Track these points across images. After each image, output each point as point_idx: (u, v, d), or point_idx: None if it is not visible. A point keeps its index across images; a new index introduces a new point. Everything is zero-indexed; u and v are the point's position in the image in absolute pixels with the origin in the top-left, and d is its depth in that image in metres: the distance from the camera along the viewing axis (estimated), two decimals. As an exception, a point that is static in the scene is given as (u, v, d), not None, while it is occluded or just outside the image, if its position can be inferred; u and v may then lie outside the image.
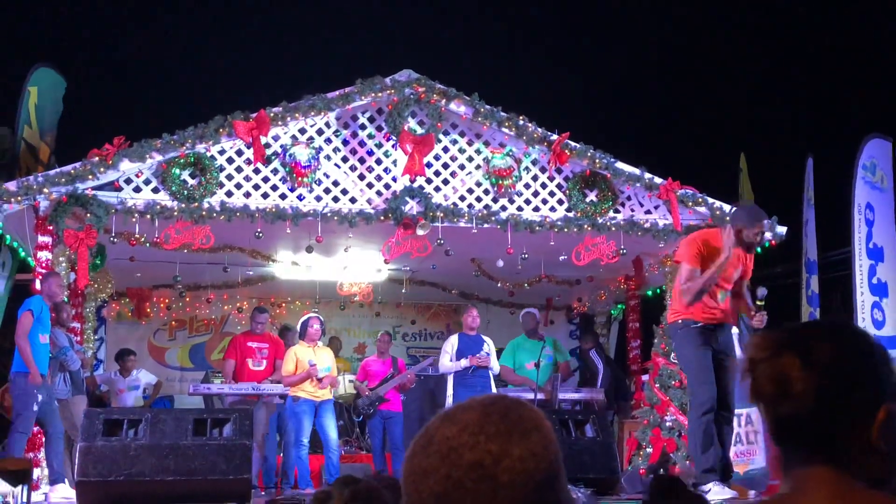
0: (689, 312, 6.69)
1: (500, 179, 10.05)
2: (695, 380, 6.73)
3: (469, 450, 1.25)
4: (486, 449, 1.25)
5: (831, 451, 1.43)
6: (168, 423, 6.64)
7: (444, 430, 1.29)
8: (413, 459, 1.31)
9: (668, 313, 7.08)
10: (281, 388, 10.10)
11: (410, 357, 14.31)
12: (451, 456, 1.26)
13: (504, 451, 1.24)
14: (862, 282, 10.76)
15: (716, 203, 10.37)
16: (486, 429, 1.27)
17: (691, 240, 6.82)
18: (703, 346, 6.68)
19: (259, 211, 9.50)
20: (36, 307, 8.31)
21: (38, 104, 10.89)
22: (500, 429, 1.27)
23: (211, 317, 14.52)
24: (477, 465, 1.24)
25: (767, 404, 1.47)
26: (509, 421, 1.28)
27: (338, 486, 2.55)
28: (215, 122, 9.42)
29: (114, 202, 9.22)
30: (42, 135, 11.01)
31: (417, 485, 1.28)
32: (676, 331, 6.82)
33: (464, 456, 1.25)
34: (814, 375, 1.44)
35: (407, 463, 1.32)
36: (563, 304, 14.78)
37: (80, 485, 6.45)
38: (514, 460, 1.24)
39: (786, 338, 1.49)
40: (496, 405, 1.31)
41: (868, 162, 11.09)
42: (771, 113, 19.74)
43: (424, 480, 1.27)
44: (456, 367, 10.11)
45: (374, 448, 10.72)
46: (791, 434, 1.46)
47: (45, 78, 11.19)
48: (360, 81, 9.78)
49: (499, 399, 1.32)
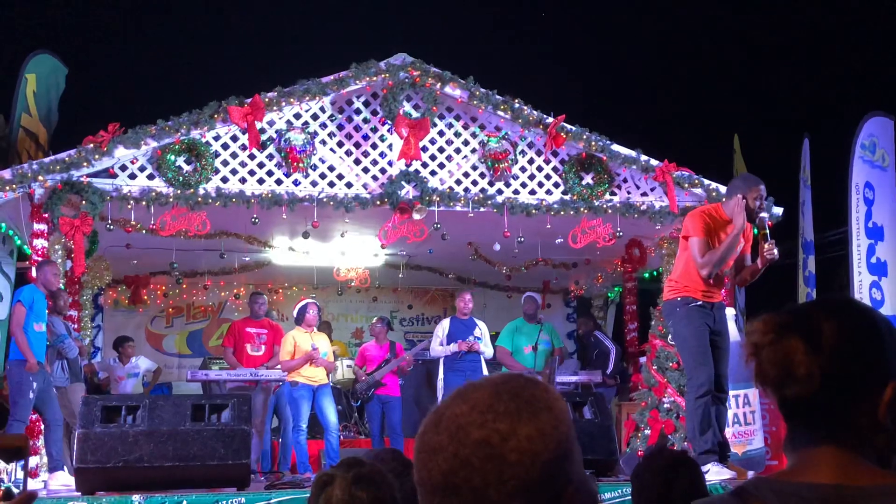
0: (688, 290, 6.67)
1: (496, 163, 10.03)
2: (692, 361, 6.71)
3: (477, 428, 1.25)
4: (495, 428, 1.24)
5: (838, 430, 1.43)
6: (166, 409, 6.64)
7: (454, 407, 1.30)
8: (423, 437, 1.31)
9: (666, 290, 6.98)
10: (279, 373, 10.12)
11: (408, 342, 14.32)
12: (459, 434, 1.26)
13: (512, 430, 1.24)
14: (860, 261, 10.75)
15: (712, 184, 10.36)
16: (495, 407, 1.26)
17: (696, 213, 6.80)
18: (701, 326, 6.67)
19: (255, 197, 9.48)
20: (26, 297, 8.30)
21: (36, 91, 10.85)
22: (509, 407, 1.26)
23: (208, 303, 14.53)
24: (484, 443, 1.24)
25: (773, 388, 1.46)
26: (520, 400, 1.27)
27: (341, 469, 2.54)
28: (210, 107, 9.40)
29: (109, 189, 9.19)
30: (42, 121, 10.98)
31: (426, 462, 1.28)
32: (675, 308, 6.77)
33: (471, 434, 1.25)
34: (819, 358, 1.43)
35: (418, 440, 1.32)
36: (560, 288, 14.79)
37: (79, 471, 6.45)
38: (521, 440, 1.23)
39: (788, 320, 1.48)
40: (508, 384, 1.30)
41: (867, 141, 11.04)
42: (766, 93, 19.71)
43: (433, 458, 1.27)
44: (445, 352, 10.13)
45: (372, 433, 10.74)
46: (798, 415, 1.46)
47: (43, 64, 11.14)
48: (354, 65, 9.75)
49: (512, 378, 1.31)
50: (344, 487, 2.51)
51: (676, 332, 6.93)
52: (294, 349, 9.78)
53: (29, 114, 10.68)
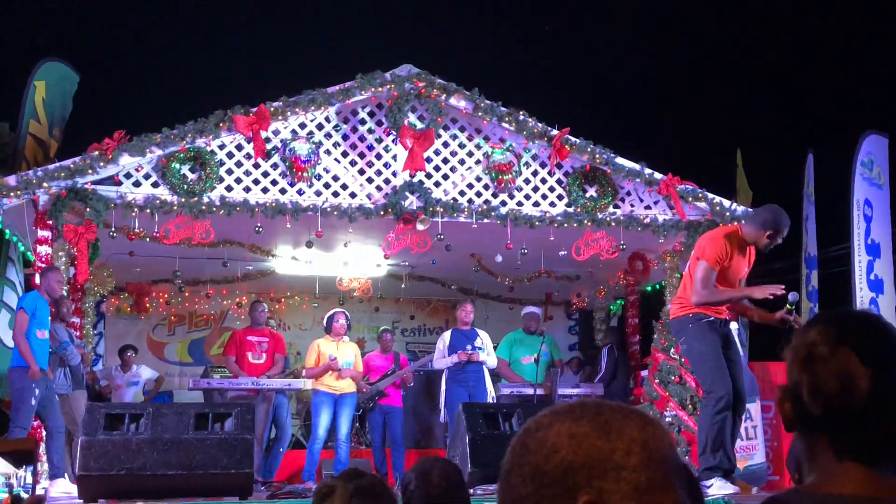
0: (700, 307, 6.66)
1: (500, 174, 10.04)
2: (711, 375, 6.61)
3: (530, 422, 1.30)
4: (538, 421, 1.28)
5: (867, 442, 1.44)
6: (169, 418, 6.63)
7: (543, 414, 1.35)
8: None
9: (675, 306, 6.87)
10: (280, 382, 10.12)
11: (409, 352, 14.31)
12: (520, 429, 1.32)
13: (549, 424, 1.26)
14: (861, 277, 10.78)
15: (715, 198, 10.37)
16: (562, 410, 1.29)
17: (718, 238, 6.65)
18: (715, 341, 6.60)
19: (259, 206, 9.49)
20: (29, 304, 8.31)
21: (46, 98, 10.86)
22: (575, 412, 1.27)
23: (210, 312, 14.52)
24: (524, 432, 1.28)
25: (826, 400, 1.46)
26: (587, 409, 1.28)
27: (342, 480, 2.54)
28: (215, 116, 9.42)
29: (113, 197, 9.20)
30: (51, 129, 11.00)
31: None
32: (687, 325, 6.67)
33: (524, 426, 1.30)
34: (871, 370, 1.44)
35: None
36: (563, 300, 14.77)
37: (82, 479, 6.44)
38: (550, 433, 1.25)
39: (838, 332, 1.49)
40: (612, 403, 1.30)
41: (866, 158, 11.10)
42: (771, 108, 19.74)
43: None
44: (448, 363, 10.13)
45: (373, 443, 10.73)
46: (832, 428, 1.46)
47: (53, 72, 11.16)
48: (360, 76, 9.77)
49: (622, 404, 1.31)
50: (344, 499, 2.50)
51: (691, 348, 6.79)
52: (318, 358, 9.84)
53: (38, 121, 10.70)
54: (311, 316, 14.60)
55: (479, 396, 9.98)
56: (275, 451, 10.20)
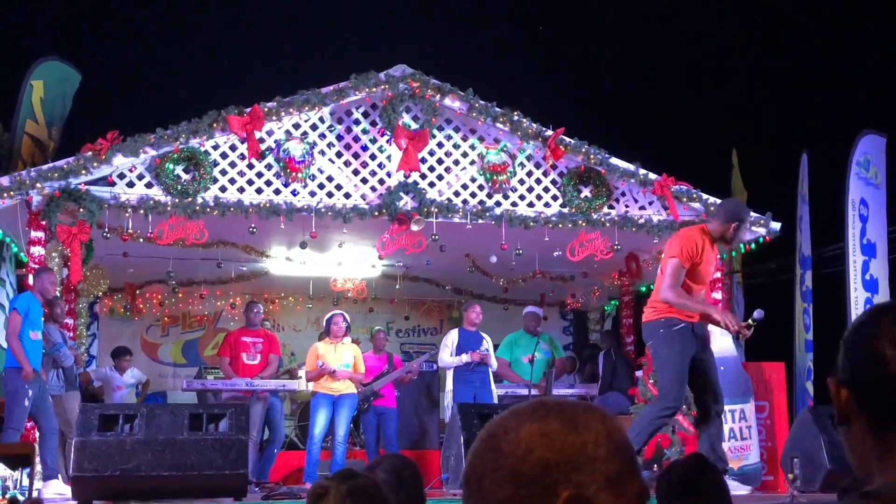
0: (671, 311, 6.58)
1: (495, 175, 10.04)
2: (668, 383, 6.61)
3: (495, 425, 1.31)
4: (503, 423, 1.29)
5: None
6: (164, 419, 6.61)
7: (500, 414, 1.36)
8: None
9: (648, 310, 6.81)
10: (275, 383, 10.11)
11: (404, 353, 14.30)
12: (483, 434, 1.32)
13: (517, 426, 1.28)
14: (856, 278, 10.79)
15: (710, 199, 10.38)
16: (525, 410, 1.31)
17: (687, 237, 6.68)
18: (684, 351, 6.56)
19: (253, 206, 9.48)
20: (22, 305, 8.28)
21: (44, 98, 10.83)
22: (537, 411, 1.30)
23: (204, 313, 14.50)
24: (491, 436, 1.29)
25: None
26: (549, 408, 1.30)
27: (335, 481, 2.52)
28: (209, 116, 9.40)
29: (107, 197, 9.18)
30: (49, 128, 10.97)
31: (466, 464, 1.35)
32: (658, 329, 6.66)
33: (487, 429, 1.31)
34: None
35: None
36: (557, 300, 14.77)
37: (76, 480, 6.42)
38: (520, 434, 1.27)
39: None
40: (567, 401, 1.34)
41: (862, 158, 11.10)
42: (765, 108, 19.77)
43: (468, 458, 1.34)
44: (456, 363, 10.13)
45: (367, 444, 10.71)
46: None
47: (52, 71, 11.12)
48: (354, 76, 9.76)
49: (576, 401, 1.35)
50: (338, 500, 2.49)
51: (657, 353, 6.78)
52: (316, 361, 9.83)
53: (35, 121, 10.67)
54: (305, 317, 14.61)
55: (485, 397, 10.00)
56: (268, 452, 10.19)
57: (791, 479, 7.70)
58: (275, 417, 10.21)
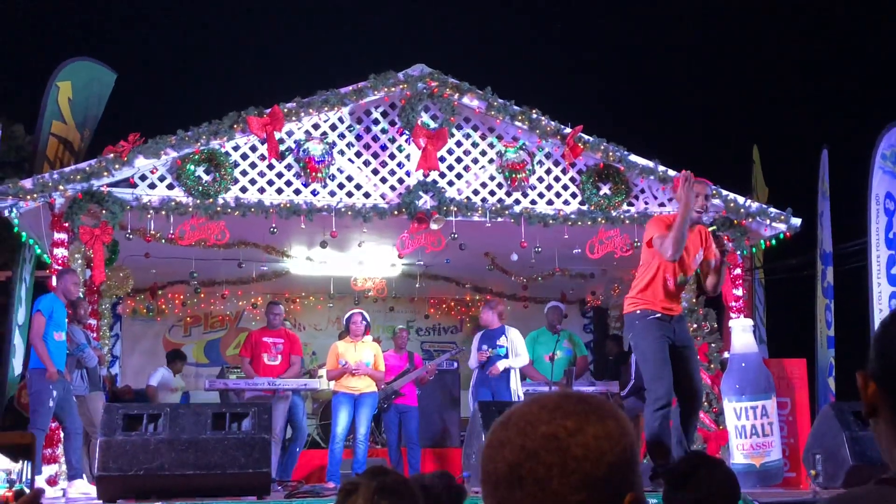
0: (648, 303, 6.64)
1: (514, 173, 10.05)
2: (651, 374, 6.65)
3: (545, 424, 1.29)
4: (562, 424, 1.28)
5: None
6: (187, 418, 6.65)
7: (522, 408, 1.34)
8: (492, 434, 1.35)
9: (626, 304, 6.88)
10: (296, 382, 10.14)
11: (424, 352, 14.33)
12: (527, 429, 1.30)
13: (579, 427, 1.28)
14: (879, 272, 10.68)
15: (729, 195, 10.35)
16: (563, 407, 1.31)
17: (657, 218, 6.97)
18: (660, 339, 6.61)
19: (273, 206, 9.52)
20: (46, 307, 8.34)
21: (73, 98, 10.87)
22: (577, 409, 1.30)
23: (226, 312, 14.58)
24: (552, 437, 1.28)
25: None
26: (587, 404, 1.31)
27: (366, 478, 2.55)
28: (229, 118, 9.45)
29: (129, 199, 9.25)
30: (79, 129, 11.01)
31: (493, 456, 1.31)
32: (634, 322, 6.73)
33: (539, 429, 1.29)
34: None
35: (486, 439, 1.36)
36: (577, 298, 14.76)
37: (100, 479, 6.47)
38: (588, 437, 1.27)
39: None
40: (576, 392, 1.36)
41: (888, 151, 10.95)
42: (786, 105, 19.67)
43: (500, 451, 1.31)
44: (472, 363, 10.17)
45: (389, 443, 10.73)
46: None
47: (80, 72, 11.17)
48: (373, 76, 9.79)
49: (578, 391, 1.37)
50: (367, 496, 2.52)
51: (636, 345, 6.86)
52: (336, 360, 9.86)
53: (63, 121, 10.72)
54: (326, 316, 14.66)
55: (502, 396, 9.98)
56: (291, 450, 10.22)
57: (813, 475, 7.66)
58: (297, 416, 10.24)
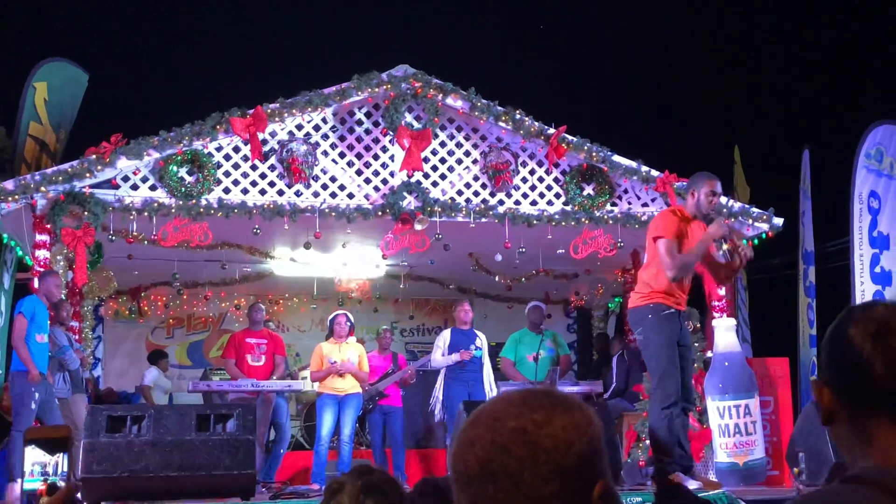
0: (661, 297, 6.57)
1: (498, 174, 10.06)
2: (661, 371, 6.60)
3: (513, 419, 1.30)
4: (530, 418, 1.30)
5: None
6: (171, 419, 6.63)
7: (490, 406, 1.36)
8: (461, 433, 1.36)
9: (635, 296, 6.78)
10: (279, 384, 10.13)
11: (409, 352, 14.33)
12: (496, 425, 1.31)
13: (547, 420, 1.29)
14: (862, 271, 10.74)
15: (712, 195, 10.37)
16: (530, 402, 1.32)
17: (667, 213, 6.76)
18: (671, 336, 6.58)
19: (257, 207, 9.50)
20: (27, 309, 8.31)
21: (48, 100, 10.82)
22: (543, 402, 1.32)
23: (209, 314, 14.54)
24: (520, 430, 1.29)
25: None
26: (553, 398, 1.33)
27: (351, 476, 2.56)
28: (212, 118, 9.41)
29: (111, 200, 9.21)
30: (55, 129, 10.96)
31: (464, 454, 1.32)
32: (646, 315, 6.63)
33: (507, 424, 1.30)
34: None
35: (455, 440, 1.37)
36: (561, 298, 14.79)
37: (85, 481, 6.44)
38: (556, 428, 1.29)
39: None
40: (540, 388, 1.38)
41: (873, 150, 11.00)
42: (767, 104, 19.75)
43: (470, 448, 1.31)
44: (447, 362, 10.11)
45: (373, 444, 10.73)
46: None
47: (56, 73, 11.12)
48: (356, 77, 9.78)
49: (543, 386, 1.39)
50: (353, 495, 2.53)
51: (648, 339, 6.72)
52: (320, 362, 9.85)
53: (39, 122, 10.67)
54: (310, 317, 14.63)
55: (478, 395, 9.97)
56: (275, 452, 10.21)
57: (797, 473, 7.70)
58: (280, 418, 10.23)
